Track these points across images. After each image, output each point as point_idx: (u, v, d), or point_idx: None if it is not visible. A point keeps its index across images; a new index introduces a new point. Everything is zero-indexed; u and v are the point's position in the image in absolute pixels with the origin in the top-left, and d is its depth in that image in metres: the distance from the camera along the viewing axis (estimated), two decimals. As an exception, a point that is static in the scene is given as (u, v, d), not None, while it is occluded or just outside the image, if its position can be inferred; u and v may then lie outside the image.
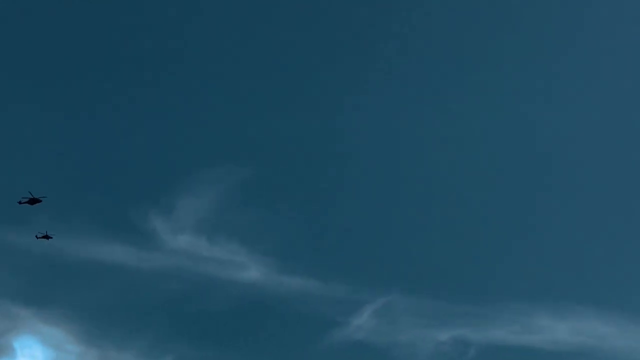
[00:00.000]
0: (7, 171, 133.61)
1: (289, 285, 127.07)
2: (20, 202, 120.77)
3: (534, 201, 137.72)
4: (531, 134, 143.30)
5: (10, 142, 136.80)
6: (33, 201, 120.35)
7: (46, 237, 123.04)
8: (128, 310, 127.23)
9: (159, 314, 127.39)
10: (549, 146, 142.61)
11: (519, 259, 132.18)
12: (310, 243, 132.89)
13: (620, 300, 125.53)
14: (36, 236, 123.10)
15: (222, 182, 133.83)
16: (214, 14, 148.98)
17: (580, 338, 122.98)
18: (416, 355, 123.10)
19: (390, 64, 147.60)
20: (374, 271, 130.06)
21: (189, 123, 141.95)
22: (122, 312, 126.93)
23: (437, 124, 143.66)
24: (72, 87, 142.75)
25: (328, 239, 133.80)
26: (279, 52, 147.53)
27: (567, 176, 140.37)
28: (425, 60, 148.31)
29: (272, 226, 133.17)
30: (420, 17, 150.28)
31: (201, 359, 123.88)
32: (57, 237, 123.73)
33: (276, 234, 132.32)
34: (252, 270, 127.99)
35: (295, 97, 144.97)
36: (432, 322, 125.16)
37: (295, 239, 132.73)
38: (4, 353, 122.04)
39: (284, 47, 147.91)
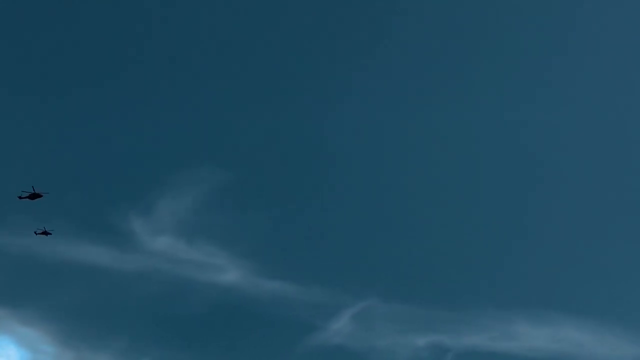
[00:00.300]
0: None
1: (268, 289, 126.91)
2: (20, 197, 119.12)
3: (513, 210, 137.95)
4: (517, 140, 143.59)
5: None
6: (34, 196, 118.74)
7: (45, 233, 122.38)
8: (105, 312, 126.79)
9: (136, 316, 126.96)
10: (535, 152, 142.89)
11: (497, 266, 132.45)
12: (289, 246, 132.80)
13: (597, 308, 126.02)
14: (35, 232, 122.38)
15: (202, 184, 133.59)
16: (195, 14, 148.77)
17: (557, 345, 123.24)
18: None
19: (373, 68, 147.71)
20: (353, 276, 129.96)
21: (169, 125, 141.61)
22: (99, 313, 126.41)
23: (418, 128, 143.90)
24: (52, 88, 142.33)
25: (307, 242, 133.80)
26: (260, 56, 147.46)
27: (549, 186, 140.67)
28: (410, 62, 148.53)
29: (252, 229, 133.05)
30: (407, 17, 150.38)
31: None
32: (35, 237, 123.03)
33: (255, 237, 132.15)
34: (230, 273, 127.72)
35: (276, 100, 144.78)
36: (411, 328, 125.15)
37: (275, 242, 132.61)
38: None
39: (266, 50, 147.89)
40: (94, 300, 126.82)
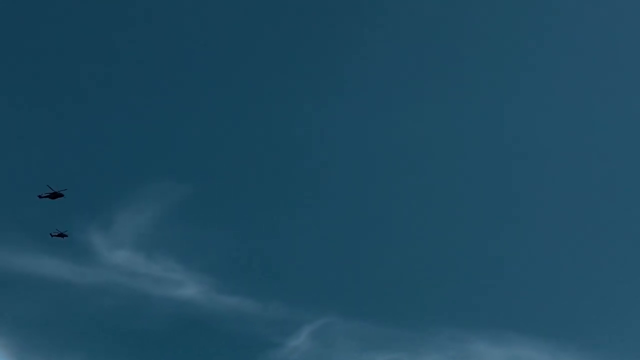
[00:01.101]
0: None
1: (226, 304, 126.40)
2: (40, 197, 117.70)
3: (473, 231, 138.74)
4: (508, 147, 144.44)
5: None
6: (54, 195, 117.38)
7: (61, 235, 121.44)
8: (62, 325, 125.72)
9: (94, 330, 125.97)
10: (507, 165, 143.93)
11: (456, 286, 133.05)
12: (248, 262, 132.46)
13: (554, 329, 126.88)
14: (51, 234, 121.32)
15: (162, 198, 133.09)
16: (159, 17, 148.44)
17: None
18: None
19: (349, 74, 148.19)
20: (313, 293, 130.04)
21: (130, 137, 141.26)
22: (56, 327, 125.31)
23: (387, 142, 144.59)
24: (15, 94, 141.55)
25: (267, 258, 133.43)
26: (227, 66, 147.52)
27: (510, 201, 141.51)
28: (397, 63, 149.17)
29: (211, 244, 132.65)
30: (401, 15, 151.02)
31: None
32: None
33: (215, 252, 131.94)
34: (189, 288, 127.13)
35: (238, 115, 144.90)
36: (369, 346, 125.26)
37: (234, 257, 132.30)
38: None
39: (233, 59, 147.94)
40: (51, 314, 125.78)
